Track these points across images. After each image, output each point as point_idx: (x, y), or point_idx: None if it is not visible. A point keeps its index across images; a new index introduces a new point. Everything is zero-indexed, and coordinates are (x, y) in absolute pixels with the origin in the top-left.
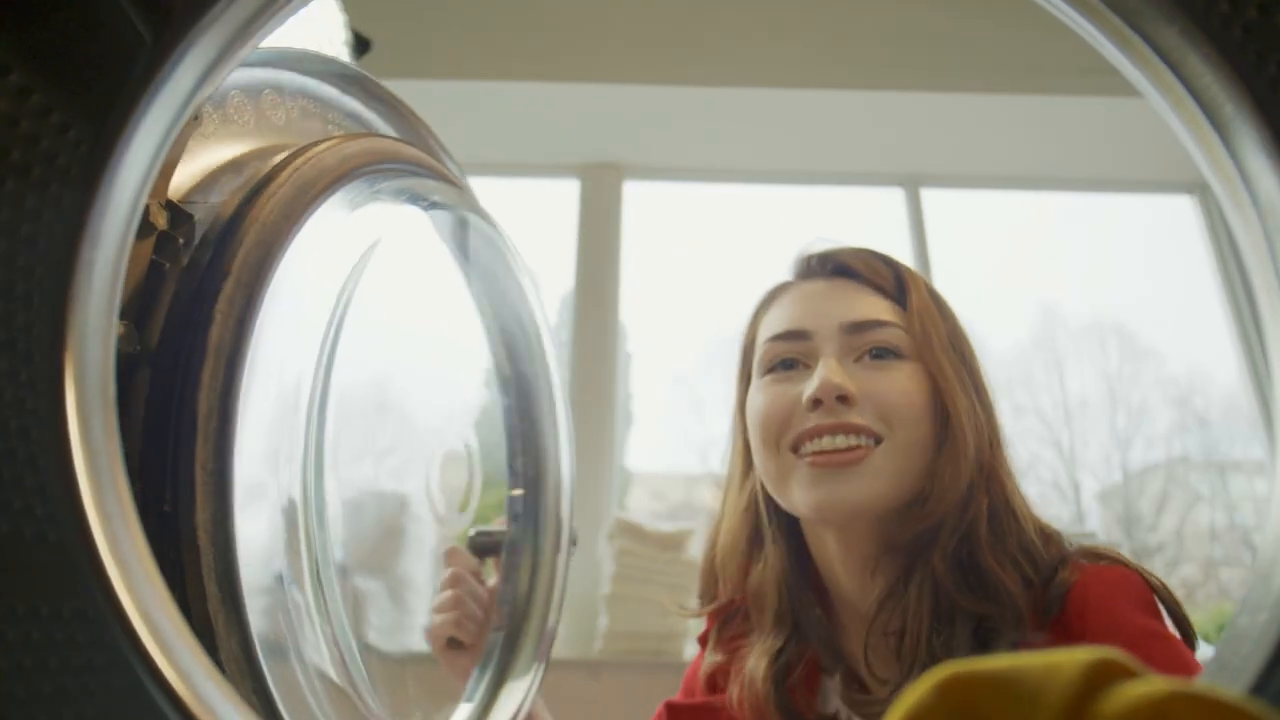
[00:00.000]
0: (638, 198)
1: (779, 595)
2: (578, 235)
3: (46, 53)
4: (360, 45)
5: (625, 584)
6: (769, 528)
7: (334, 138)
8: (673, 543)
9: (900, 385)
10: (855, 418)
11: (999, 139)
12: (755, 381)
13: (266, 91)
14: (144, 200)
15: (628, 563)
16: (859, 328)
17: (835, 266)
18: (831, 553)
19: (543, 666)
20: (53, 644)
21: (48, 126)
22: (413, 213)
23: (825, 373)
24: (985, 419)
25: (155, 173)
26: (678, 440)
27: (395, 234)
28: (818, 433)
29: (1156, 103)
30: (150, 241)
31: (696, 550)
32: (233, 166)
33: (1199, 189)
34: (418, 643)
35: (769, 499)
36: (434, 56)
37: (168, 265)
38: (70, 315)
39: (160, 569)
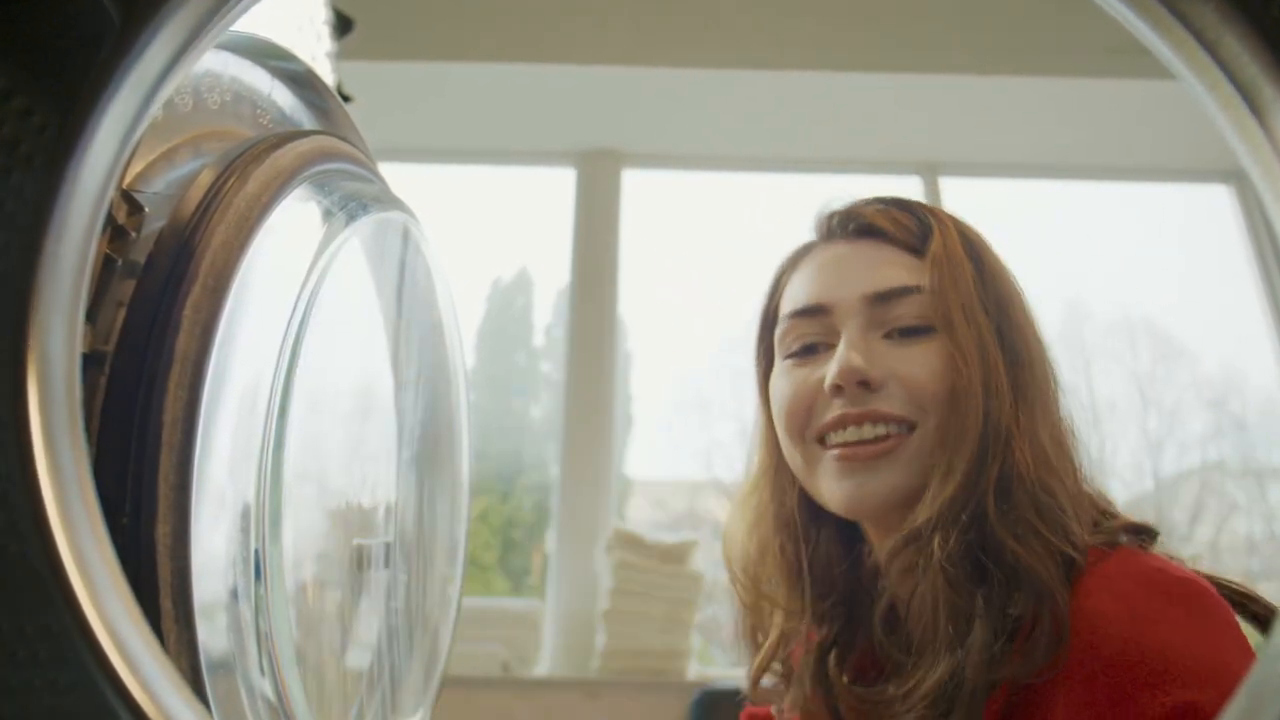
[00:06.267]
0: (637, 187)
1: (829, 583)
2: (574, 227)
3: (8, 34)
4: (342, 25)
5: (624, 599)
6: (810, 518)
7: (285, 135)
8: (675, 555)
9: (931, 361)
10: (882, 405)
11: (1021, 124)
12: (777, 364)
13: (204, 75)
14: (111, 190)
15: (627, 576)
16: (883, 299)
17: (858, 226)
18: (875, 545)
19: (429, 710)
20: (15, 662)
21: (9, 112)
22: (369, 215)
23: (844, 356)
24: (1007, 375)
25: (124, 162)
26: (681, 445)
27: (351, 236)
28: (842, 423)
29: (1191, 85)
30: (105, 234)
31: (700, 562)
32: (171, 155)
33: (1236, 177)
34: (370, 659)
35: None
36: (421, 37)
37: (120, 261)
38: (34, 313)
39: None
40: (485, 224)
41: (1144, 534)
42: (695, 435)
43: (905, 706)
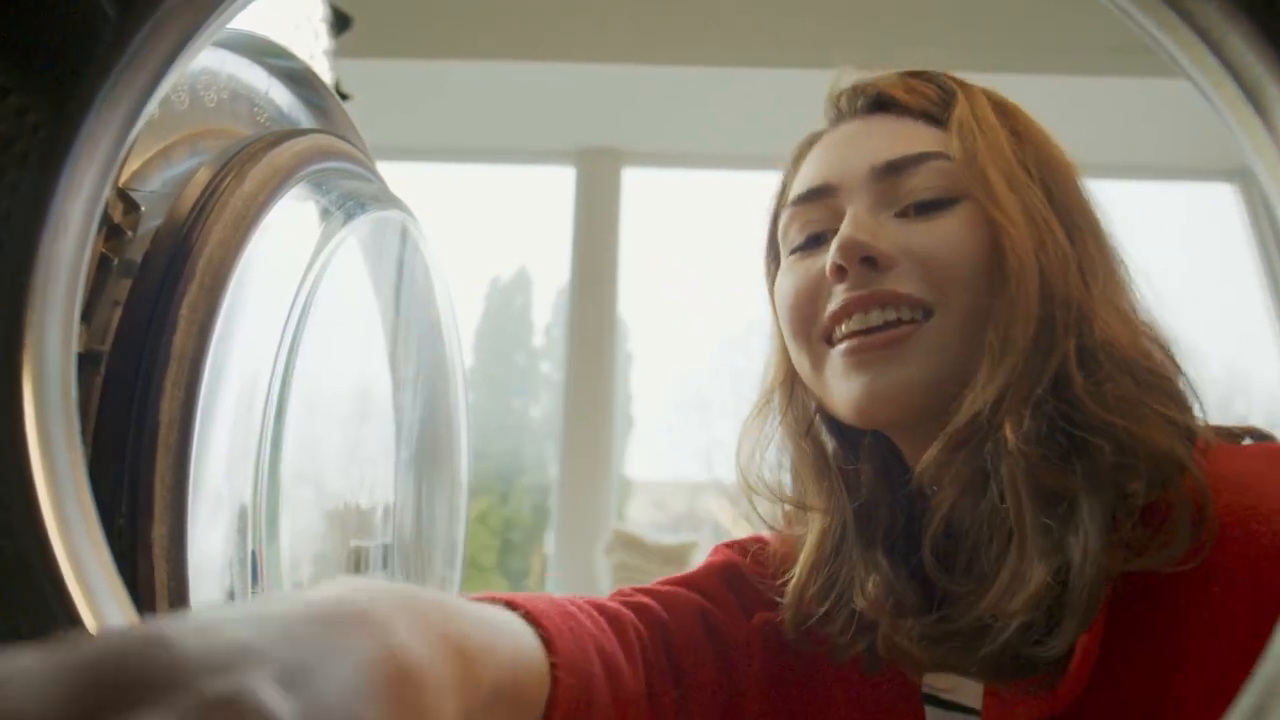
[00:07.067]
0: (638, 185)
1: (860, 488)
2: (574, 226)
3: (3, 32)
4: (340, 22)
5: None
6: (840, 436)
7: (282, 133)
8: (676, 556)
9: (953, 235)
10: (893, 284)
11: None
12: (782, 263)
13: (201, 73)
14: (107, 189)
15: (627, 578)
16: (894, 168)
17: (869, 100)
18: (911, 464)
19: None
20: None
21: (5, 110)
22: (366, 214)
23: (844, 231)
24: (1071, 247)
25: (120, 160)
26: (680, 445)
27: (349, 235)
28: (847, 310)
29: (1195, 84)
30: (100, 233)
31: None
32: (168, 153)
33: (1240, 176)
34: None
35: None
36: (419, 34)
37: (116, 260)
38: (29, 313)
39: None
40: (484, 223)
41: (1267, 439)
42: (695, 435)
43: (999, 624)
